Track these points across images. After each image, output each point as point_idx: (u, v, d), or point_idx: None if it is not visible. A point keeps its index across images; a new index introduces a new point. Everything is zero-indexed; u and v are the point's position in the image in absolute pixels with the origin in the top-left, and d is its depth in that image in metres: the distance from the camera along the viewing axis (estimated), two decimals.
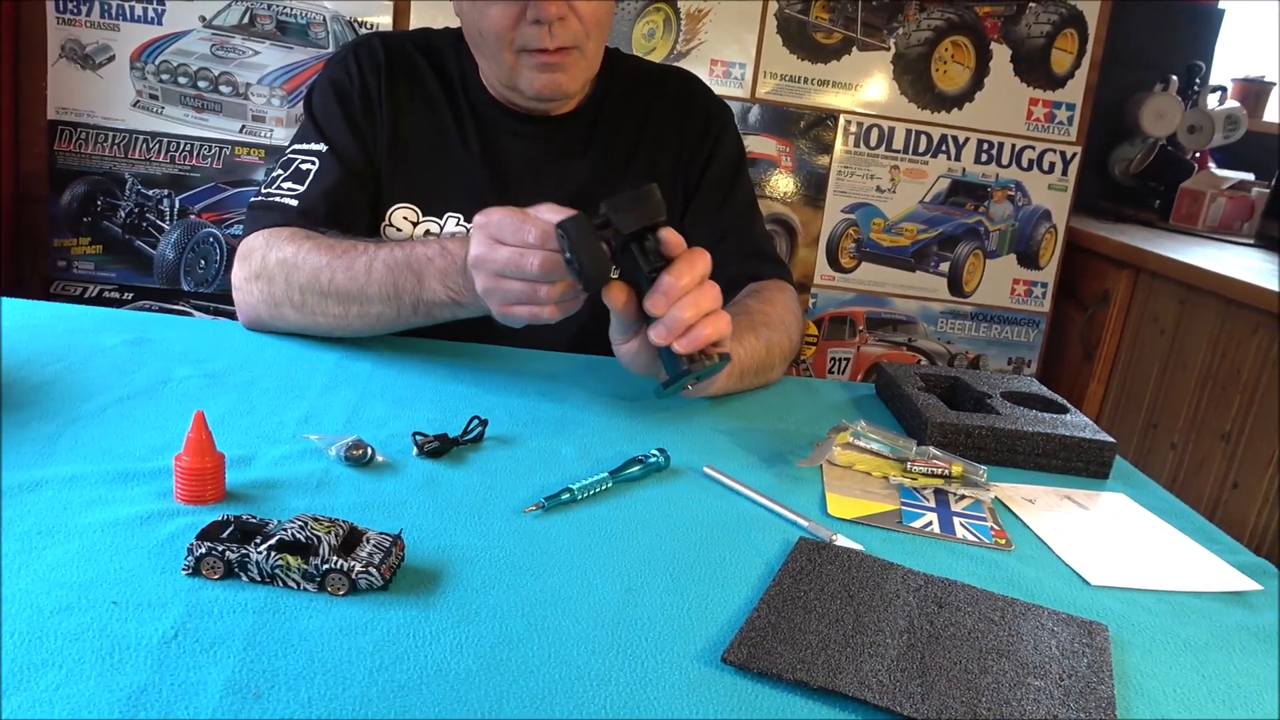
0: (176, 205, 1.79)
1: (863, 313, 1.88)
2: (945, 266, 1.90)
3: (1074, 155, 1.94)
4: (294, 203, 0.98)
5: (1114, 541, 0.75)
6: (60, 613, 0.49)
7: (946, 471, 0.80)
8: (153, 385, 0.81)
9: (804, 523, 0.69)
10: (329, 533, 0.55)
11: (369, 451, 0.71)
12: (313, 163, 1.01)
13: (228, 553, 0.54)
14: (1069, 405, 0.97)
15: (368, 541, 0.56)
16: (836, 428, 0.82)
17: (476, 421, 0.78)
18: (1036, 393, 1.00)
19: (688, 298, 0.74)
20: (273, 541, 0.54)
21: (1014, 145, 1.92)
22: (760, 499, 0.73)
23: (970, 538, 0.72)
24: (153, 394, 0.80)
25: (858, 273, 1.90)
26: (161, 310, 1.83)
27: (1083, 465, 0.89)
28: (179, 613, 0.51)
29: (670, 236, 0.75)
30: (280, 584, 0.54)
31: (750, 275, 1.09)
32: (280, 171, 1.02)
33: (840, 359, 1.91)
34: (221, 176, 1.82)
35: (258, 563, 0.54)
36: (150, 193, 1.80)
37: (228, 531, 0.55)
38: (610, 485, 0.72)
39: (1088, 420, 0.93)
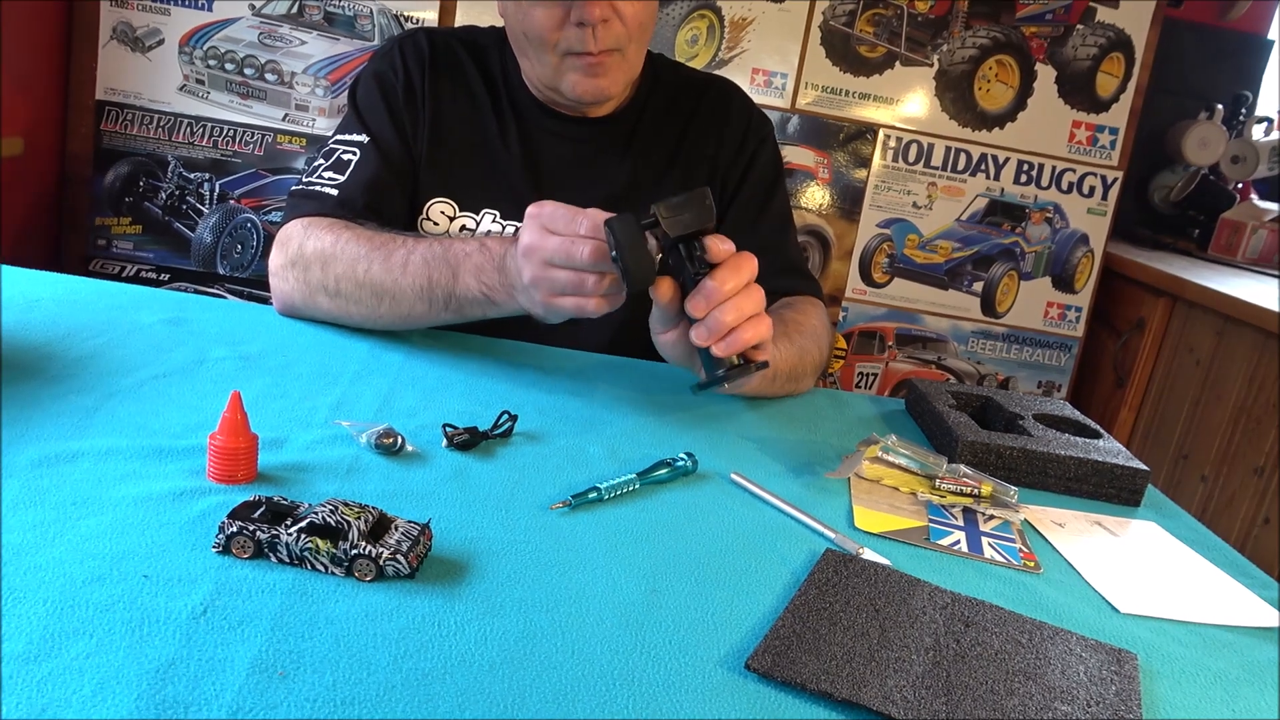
0: (217, 189, 1.82)
1: (893, 328, 1.87)
2: (979, 286, 1.89)
3: (1115, 180, 1.92)
4: (334, 192, 0.99)
5: (1144, 570, 0.74)
6: (92, 583, 0.50)
7: (976, 491, 0.80)
8: (189, 364, 0.82)
9: (830, 534, 0.69)
10: (359, 518, 0.55)
11: (399, 440, 0.71)
12: (354, 153, 1.01)
13: (258, 533, 0.54)
14: (1102, 430, 0.96)
15: (396, 529, 0.57)
16: (866, 441, 0.82)
17: (506, 416, 0.79)
18: (1069, 416, 0.99)
19: (730, 301, 0.74)
20: (303, 524, 0.54)
21: (1054, 167, 1.91)
22: (787, 508, 0.72)
23: (998, 558, 0.71)
24: (189, 373, 0.80)
25: (890, 288, 1.89)
26: (197, 292, 1.86)
27: (1114, 492, 0.87)
28: (208, 589, 0.51)
29: (714, 245, 0.75)
30: (308, 566, 0.54)
31: (784, 291, 1.08)
32: (322, 161, 1.03)
33: (868, 374, 1.90)
34: (262, 163, 1.84)
35: (287, 544, 0.54)
36: (192, 176, 1.82)
37: (259, 512, 0.56)
38: (637, 487, 0.72)
39: (1121, 446, 0.92)
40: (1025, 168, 1.90)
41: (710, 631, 0.55)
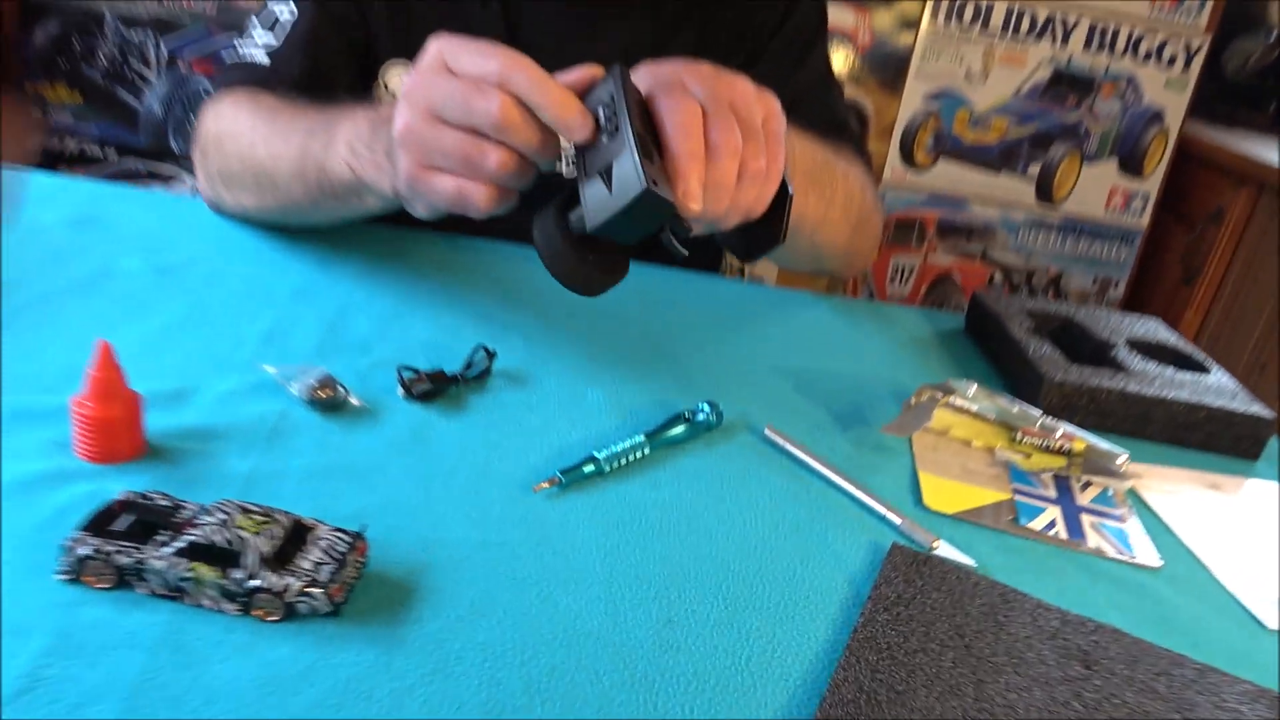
0: (165, 52, 1.59)
1: (935, 217, 1.67)
2: (1035, 169, 1.66)
3: (1199, 47, 1.67)
4: (265, 60, 0.80)
5: None
6: None
7: (1067, 448, 0.64)
8: (90, 280, 0.66)
9: (895, 518, 0.54)
10: (260, 532, 0.40)
11: (341, 393, 0.56)
12: (291, 11, 0.81)
13: (119, 556, 0.39)
14: (1208, 361, 0.80)
15: (316, 542, 0.41)
16: (938, 388, 0.65)
17: (483, 353, 0.62)
18: (1167, 342, 0.82)
19: (717, 191, 0.53)
20: (181, 545, 0.39)
21: (1131, 31, 1.65)
22: (837, 479, 0.57)
23: (1107, 548, 0.56)
24: (88, 292, 0.64)
25: (934, 171, 1.67)
26: (149, 174, 1.66)
27: (1229, 443, 0.72)
28: (42, 644, 0.36)
29: (687, 209, 0.51)
30: (191, 601, 0.39)
31: None
32: (256, 23, 0.83)
33: (904, 267, 1.71)
34: (214, 21, 1.60)
35: (160, 572, 0.39)
36: (132, 35, 1.59)
37: (126, 523, 0.40)
38: (647, 452, 0.56)
39: (1234, 383, 0.76)
40: (1098, 32, 1.65)
41: (747, 684, 0.40)
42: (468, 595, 0.42)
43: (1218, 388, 0.74)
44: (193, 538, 0.39)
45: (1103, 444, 0.63)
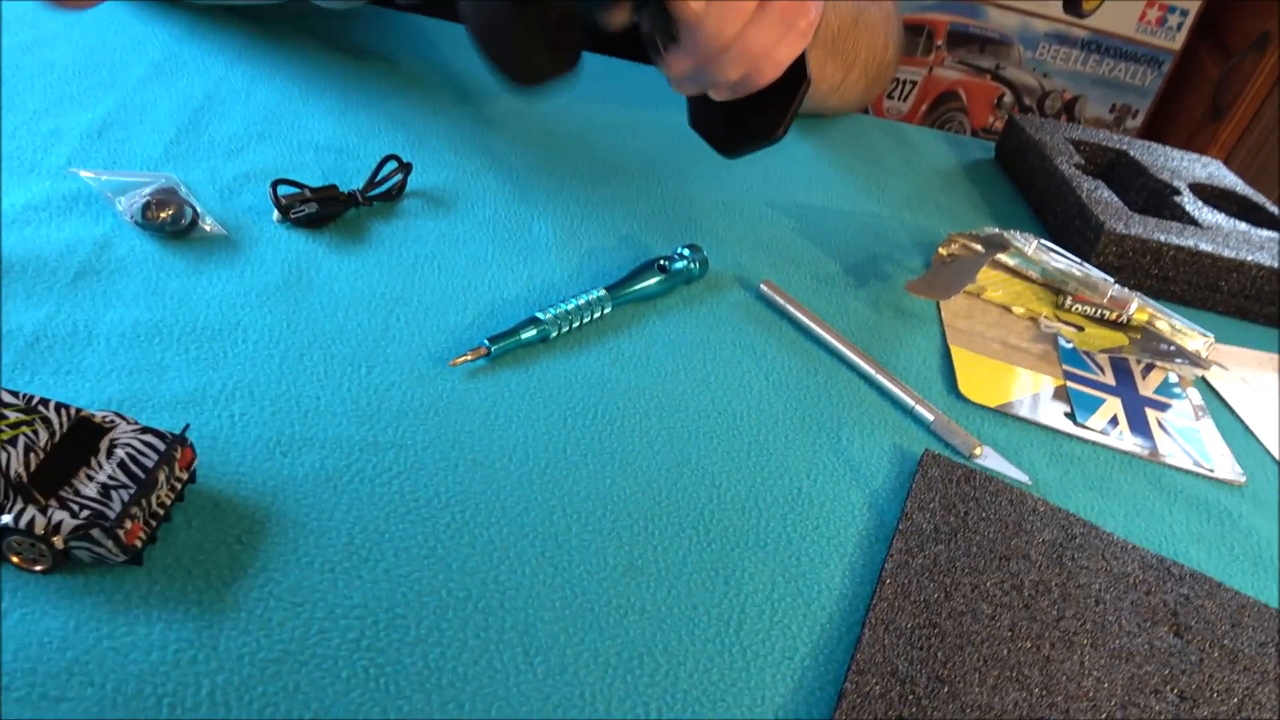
0: None
1: (946, 23, 1.46)
2: None
3: None
4: None
5: None
6: None
7: (1125, 319, 0.52)
8: None
9: (926, 414, 0.41)
10: (14, 439, 0.26)
11: (188, 213, 0.40)
12: None
13: None
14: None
15: (111, 451, 0.28)
16: (978, 238, 0.51)
17: (395, 165, 0.47)
18: (1232, 189, 0.69)
19: (730, 53, 0.42)
20: None
21: None
22: (852, 355, 0.44)
23: (1178, 456, 0.44)
24: None
25: None
26: None
27: None
28: None
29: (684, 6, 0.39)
30: None
31: None
32: None
33: (905, 81, 1.52)
34: None
35: None
36: None
37: None
38: (608, 310, 0.42)
39: None
40: None
41: (740, 664, 0.29)
42: (342, 529, 0.29)
43: None
44: None
45: (1181, 320, 0.51)
